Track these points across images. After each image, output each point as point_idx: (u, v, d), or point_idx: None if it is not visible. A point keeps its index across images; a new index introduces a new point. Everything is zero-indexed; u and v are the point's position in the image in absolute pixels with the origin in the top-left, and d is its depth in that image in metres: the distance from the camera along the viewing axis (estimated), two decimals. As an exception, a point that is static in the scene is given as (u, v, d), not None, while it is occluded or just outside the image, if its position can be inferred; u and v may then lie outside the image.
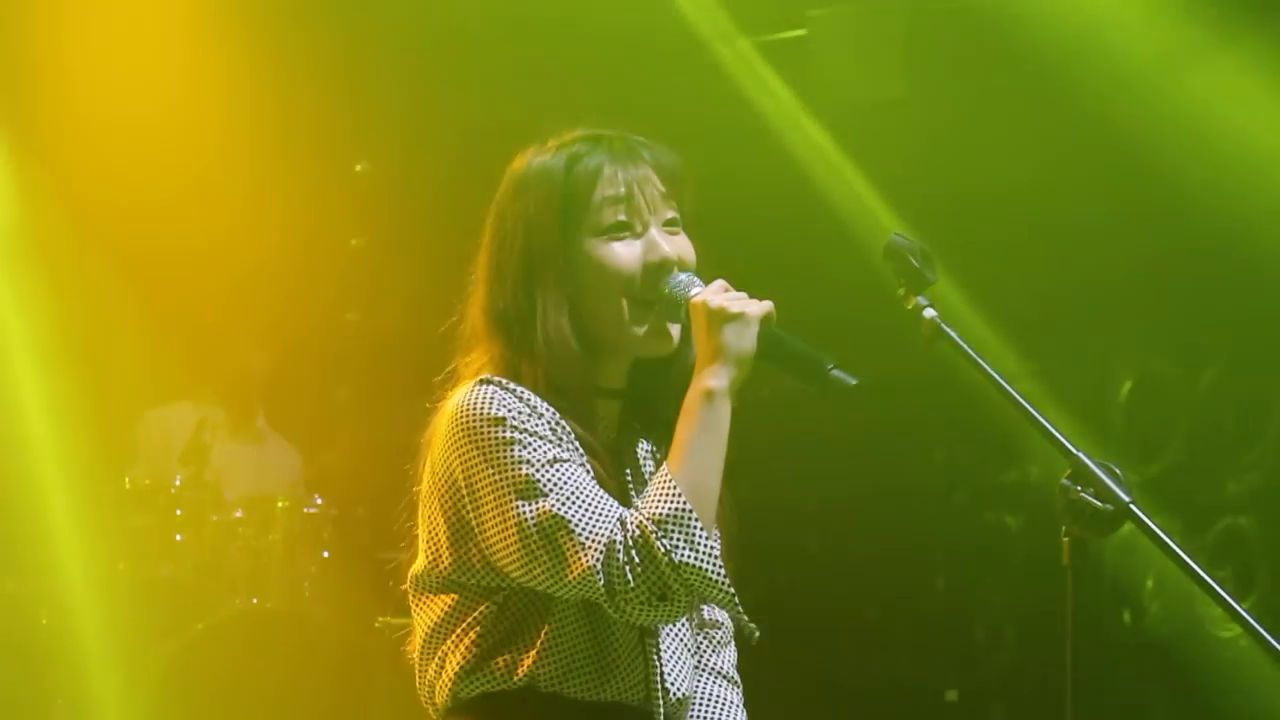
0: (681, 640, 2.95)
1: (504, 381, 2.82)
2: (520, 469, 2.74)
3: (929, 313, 2.79)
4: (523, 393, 2.80)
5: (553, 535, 2.71)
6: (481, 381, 2.82)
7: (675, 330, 2.90)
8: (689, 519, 2.69)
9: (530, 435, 2.76)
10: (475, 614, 2.82)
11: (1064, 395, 6.89)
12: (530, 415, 2.78)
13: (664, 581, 2.68)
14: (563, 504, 2.72)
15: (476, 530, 2.79)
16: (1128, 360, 7.49)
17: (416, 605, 2.90)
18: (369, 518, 7.17)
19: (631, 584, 2.68)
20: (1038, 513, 7.47)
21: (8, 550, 7.14)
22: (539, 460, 2.75)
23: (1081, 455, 2.66)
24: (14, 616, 7.07)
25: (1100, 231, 7.12)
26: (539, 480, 2.73)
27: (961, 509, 7.91)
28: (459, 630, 2.84)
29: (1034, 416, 2.71)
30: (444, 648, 2.85)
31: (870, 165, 7.57)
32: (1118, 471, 2.65)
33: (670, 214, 2.93)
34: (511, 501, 2.74)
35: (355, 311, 8.35)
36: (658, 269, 2.88)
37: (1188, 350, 7.32)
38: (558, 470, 2.74)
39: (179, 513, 7.04)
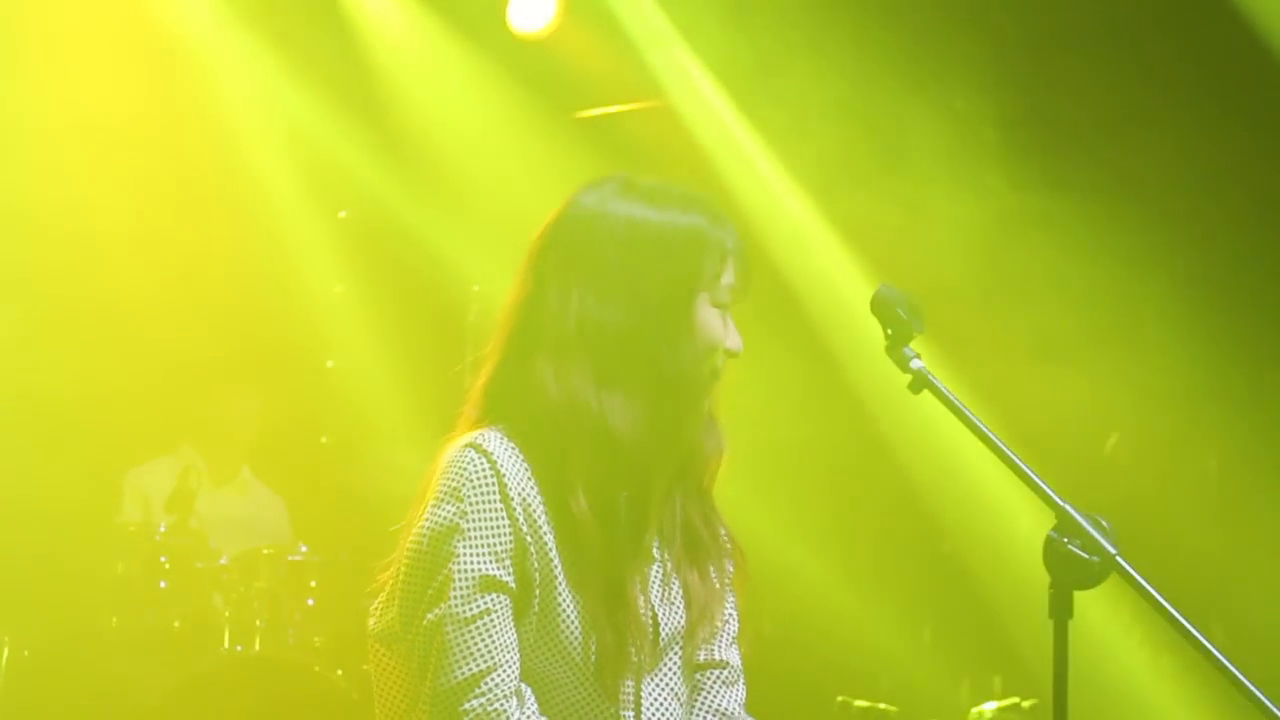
0: (668, 686, 2.89)
1: (494, 455, 2.75)
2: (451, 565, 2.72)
3: (915, 363, 2.79)
4: (514, 470, 2.75)
5: (427, 650, 2.71)
6: (469, 445, 2.77)
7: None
8: None
9: (478, 535, 2.73)
10: None
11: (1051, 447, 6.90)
12: (490, 516, 2.73)
13: None
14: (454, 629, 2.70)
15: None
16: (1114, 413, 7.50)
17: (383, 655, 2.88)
18: (353, 565, 7.14)
19: None
20: (1025, 563, 7.45)
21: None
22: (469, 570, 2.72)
23: (1067, 506, 2.66)
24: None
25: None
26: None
27: (948, 559, 7.89)
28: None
29: (1020, 467, 2.71)
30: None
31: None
32: (1104, 523, 2.64)
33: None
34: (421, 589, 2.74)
35: (337, 356, 8.33)
36: (721, 355, 2.81)
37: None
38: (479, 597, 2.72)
39: (163, 559, 7.01)
